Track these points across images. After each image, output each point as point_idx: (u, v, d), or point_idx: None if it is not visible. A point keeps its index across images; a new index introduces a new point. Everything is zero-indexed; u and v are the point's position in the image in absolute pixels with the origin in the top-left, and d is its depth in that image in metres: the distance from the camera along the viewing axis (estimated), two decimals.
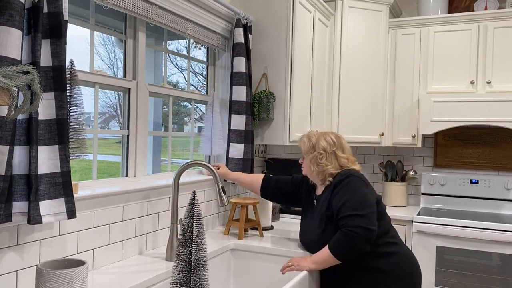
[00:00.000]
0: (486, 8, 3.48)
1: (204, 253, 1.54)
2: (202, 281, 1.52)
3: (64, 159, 1.48)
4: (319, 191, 2.11)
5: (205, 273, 1.53)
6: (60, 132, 1.47)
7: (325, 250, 1.89)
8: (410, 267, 2.00)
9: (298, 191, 2.28)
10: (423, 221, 3.15)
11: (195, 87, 2.82)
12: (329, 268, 1.95)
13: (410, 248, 3.21)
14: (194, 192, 1.61)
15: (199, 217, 1.56)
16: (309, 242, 2.09)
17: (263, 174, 2.40)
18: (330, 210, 1.96)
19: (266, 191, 2.34)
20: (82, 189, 1.79)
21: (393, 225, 2.16)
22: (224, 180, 2.51)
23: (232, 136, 2.59)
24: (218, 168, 2.40)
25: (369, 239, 1.85)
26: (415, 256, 2.10)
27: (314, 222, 2.05)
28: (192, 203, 1.58)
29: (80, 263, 1.38)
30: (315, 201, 2.13)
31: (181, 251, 1.54)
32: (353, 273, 1.95)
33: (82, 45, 1.91)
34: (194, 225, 1.55)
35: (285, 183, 2.31)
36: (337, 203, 1.92)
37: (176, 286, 1.52)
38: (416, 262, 2.04)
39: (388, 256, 1.95)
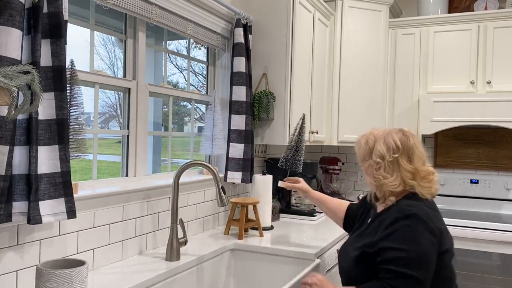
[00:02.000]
0: (486, 8, 3.48)
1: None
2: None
3: (64, 159, 1.48)
4: (379, 208, 1.66)
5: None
6: (60, 132, 1.47)
7: None
8: None
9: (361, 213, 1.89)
10: None
11: (195, 87, 2.82)
12: None
13: None
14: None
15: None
16: (341, 263, 1.70)
17: (348, 203, 2.06)
18: (374, 247, 1.52)
19: (349, 220, 1.98)
20: (82, 189, 1.79)
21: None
22: (299, 197, 2.22)
23: (232, 136, 2.59)
24: (298, 182, 2.18)
25: None
26: None
27: (356, 244, 1.63)
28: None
29: (80, 263, 1.38)
30: (370, 218, 1.71)
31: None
32: None
33: (82, 45, 1.91)
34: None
35: (356, 208, 1.95)
36: (382, 247, 1.48)
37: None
38: None
39: None
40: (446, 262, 1.50)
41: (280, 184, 2.27)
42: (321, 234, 2.50)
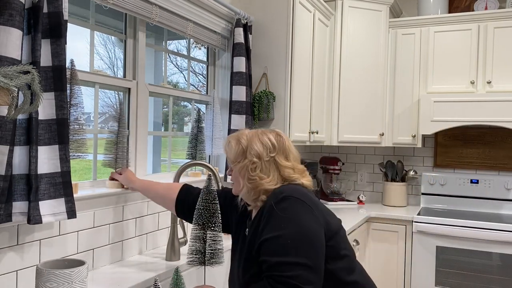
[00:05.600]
0: (486, 8, 3.48)
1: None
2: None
3: (64, 159, 1.48)
4: (254, 213, 1.47)
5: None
6: (60, 132, 1.47)
7: None
8: None
9: (228, 208, 1.63)
10: (423, 221, 3.14)
11: (195, 87, 2.82)
12: None
13: (410, 248, 3.21)
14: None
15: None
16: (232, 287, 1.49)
17: (182, 183, 1.78)
18: (256, 247, 1.33)
19: (183, 204, 1.70)
20: (82, 189, 1.79)
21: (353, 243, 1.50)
22: (126, 188, 1.88)
23: None
24: (121, 174, 1.86)
25: None
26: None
27: (239, 261, 1.45)
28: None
29: (80, 263, 1.38)
30: (247, 229, 1.50)
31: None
32: None
33: (82, 45, 1.91)
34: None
35: None
36: (260, 241, 1.29)
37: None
38: None
39: None
40: (343, 240, 1.38)
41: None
42: None
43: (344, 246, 1.37)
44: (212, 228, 1.52)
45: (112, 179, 1.89)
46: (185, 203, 1.70)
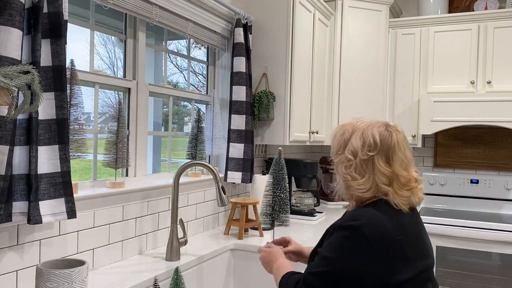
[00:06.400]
0: (486, 8, 3.48)
1: None
2: None
3: (64, 159, 1.48)
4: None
5: None
6: (60, 132, 1.47)
7: (279, 276, 1.38)
8: None
9: None
10: (423, 221, 3.14)
11: (195, 87, 2.82)
12: None
13: None
14: None
15: None
16: None
17: None
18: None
19: None
20: (82, 189, 1.79)
21: None
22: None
23: (232, 136, 2.59)
24: (287, 245, 1.70)
25: None
26: None
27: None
28: None
29: (80, 263, 1.38)
30: None
31: None
32: None
33: (82, 45, 1.91)
34: None
35: None
36: (318, 251, 1.28)
37: None
38: None
39: None
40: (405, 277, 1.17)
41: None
42: (321, 234, 2.49)
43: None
44: (278, 193, 2.10)
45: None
46: None
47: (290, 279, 1.31)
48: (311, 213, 2.94)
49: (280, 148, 2.17)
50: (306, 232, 2.53)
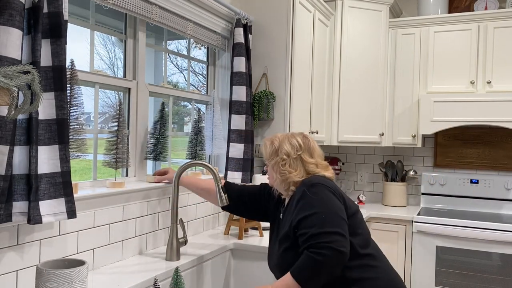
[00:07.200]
0: (486, 8, 3.48)
1: None
2: None
3: (64, 159, 1.48)
4: (286, 201, 1.78)
5: None
6: (60, 132, 1.47)
7: (288, 277, 1.51)
8: None
9: (265, 201, 1.95)
10: (423, 221, 3.14)
11: (195, 87, 2.82)
12: None
13: (410, 248, 3.21)
14: None
15: None
16: (273, 267, 1.74)
17: (224, 180, 2.10)
18: (292, 226, 1.60)
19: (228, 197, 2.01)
20: (82, 189, 1.79)
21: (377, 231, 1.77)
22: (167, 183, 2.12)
23: (232, 136, 2.60)
24: (165, 173, 2.13)
25: (340, 261, 1.47)
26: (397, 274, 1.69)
27: (278, 240, 1.71)
28: None
29: (80, 263, 1.38)
30: (281, 215, 1.80)
31: None
32: None
33: (82, 45, 1.91)
34: None
35: (250, 190, 2.00)
36: (298, 219, 1.56)
37: None
38: (400, 286, 1.65)
39: (363, 283, 1.56)
40: (359, 221, 1.66)
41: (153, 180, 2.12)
42: None
43: (359, 226, 1.65)
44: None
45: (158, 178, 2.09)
46: (230, 196, 2.03)
47: (301, 266, 1.49)
48: None
49: None
50: None
